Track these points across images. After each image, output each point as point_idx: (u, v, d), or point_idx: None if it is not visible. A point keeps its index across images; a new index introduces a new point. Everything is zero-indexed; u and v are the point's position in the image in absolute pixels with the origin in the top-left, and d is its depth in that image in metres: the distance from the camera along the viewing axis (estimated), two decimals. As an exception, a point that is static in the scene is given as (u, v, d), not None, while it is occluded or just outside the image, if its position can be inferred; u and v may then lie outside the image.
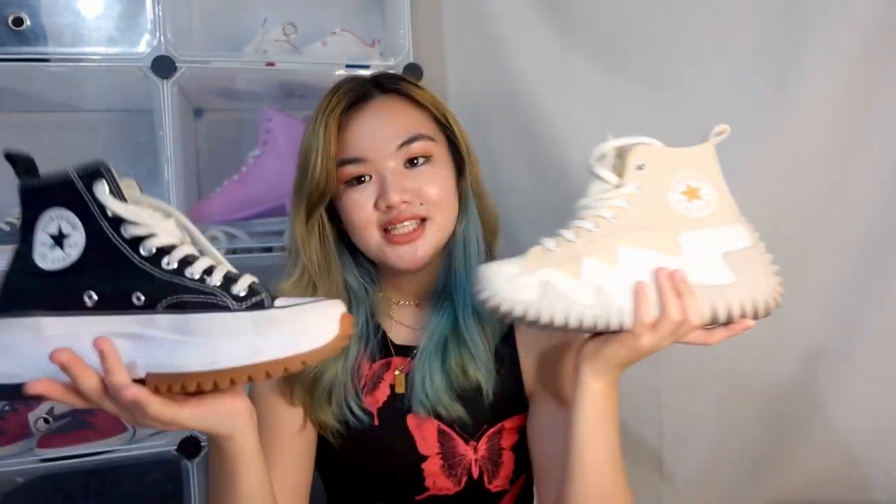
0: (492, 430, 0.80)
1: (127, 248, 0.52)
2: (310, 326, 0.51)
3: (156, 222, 0.53)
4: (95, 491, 1.10)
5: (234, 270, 0.55)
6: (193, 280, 0.52)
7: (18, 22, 1.00)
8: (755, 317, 0.63)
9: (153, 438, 1.05)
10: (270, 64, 1.08)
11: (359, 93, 0.79)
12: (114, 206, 0.52)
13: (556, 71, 1.10)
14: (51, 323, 0.52)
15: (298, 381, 0.77)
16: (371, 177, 0.76)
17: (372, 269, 0.84)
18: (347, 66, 1.10)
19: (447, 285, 0.82)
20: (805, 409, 0.99)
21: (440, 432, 0.79)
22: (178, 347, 0.50)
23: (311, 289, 0.79)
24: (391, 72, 0.86)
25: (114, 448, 1.02)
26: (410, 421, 0.79)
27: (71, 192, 0.53)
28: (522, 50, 1.11)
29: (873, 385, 0.96)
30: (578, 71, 1.09)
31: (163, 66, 1.01)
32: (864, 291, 0.95)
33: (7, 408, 1.06)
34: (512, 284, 0.60)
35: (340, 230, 0.81)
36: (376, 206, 0.75)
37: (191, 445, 1.03)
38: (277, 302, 0.53)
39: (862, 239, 0.96)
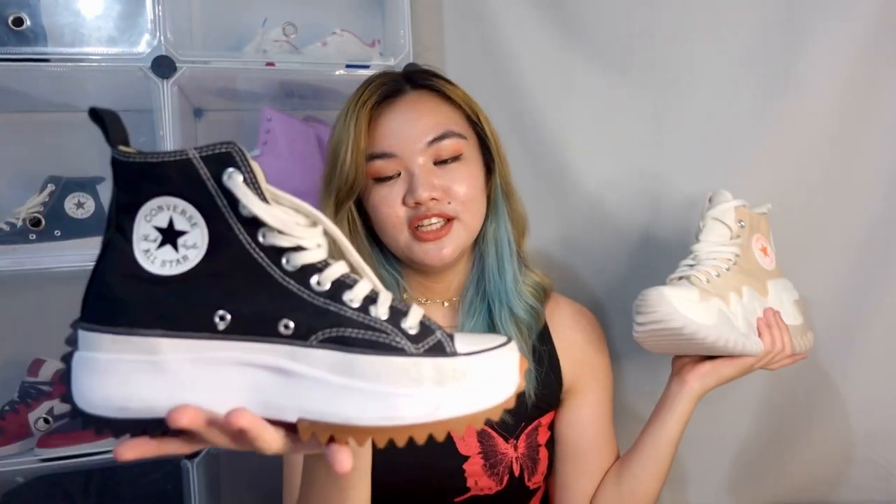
0: (529, 428, 0.82)
1: (267, 259, 0.42)
2: (496, 378, 0.44)
3: (301, 231, 0.42)
4: (95, 491, 1.10)
5: (397, 298, 0.46)
6: (354, 309, 0.43)
7: (18, 22, 1.00)
8: (808, 351, 0.82)
9: (153, 438, 1.05)
10: (270, 64, 1.08)
11: (391, 87, 0.78)
12: (252, 205, 0.40)
13: (556, 71, 1.09)
14: (170, 346, 0.41)
15: None
16: (400, 173, 0.76)
17: (398, 268, 0.83)
18: (347, 66, 1.10)
19: (479, 286, 0.82)
20: (805, 409, 0.99)
21: (480, 432, 0.79)
22: (343, 394, 0.41)
23: None
24: (426, 66, 0.85)
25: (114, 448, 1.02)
26: None
27: (190, 178, 0.40)
28: (522, 50, 1.11)
29: (873, 385, 0.96)
30: (578, 71, 1.09)
31: (163, 66, 1.01)
32: (863, 292, 0.95)
33: (7, 407, 1.06)
34: (694, 309, 0.69)
35: (369, 226, 0.81)
36: (404, 202, 0.75)
37: (191, 445, 1.03)
38: (458, 343, 0.44)
39: (862, 239, 0.95)
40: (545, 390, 0.82)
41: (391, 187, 0.76)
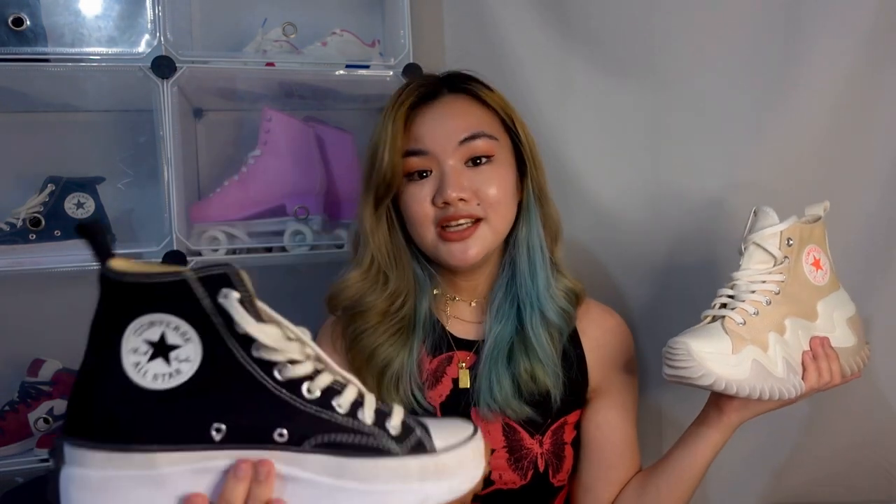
0: (555, 425, 0.82)
1: (260, 371, 0.44)
2: (468, 466, 0.49)
3: (292, 346, 0.46)
4: (95, 491, 1.10)
5: (378, 401, 0.49)
6: (343, 415, 0.46)
7: (18, 22, 1.00)
8: (862, 369, 0.76)
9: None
10: (270, 64, 1.08)
11: (428, 90, 0.81)
12: (246, 324, 0.43)
13: (556, 71, 1.09)
14: (168, 459, 0.42)
15: (369, 369, 0.79)
16: (432, 171, 0.78)
17: (431, 267, 0.85)
18: (347, 66, 1.10)
19: (509, 290, 0.83)
20: (805, 409, 0.99)
21: (505, 426, 0.80)
22: (336, 494, 0.45)
23: (382, 278, 0.81)
24: (464, 71, 0.86)
25: (114, 448, 1.02)
26: (474, 415, 0.80)
27: (186, 297, 0.42)
28: (522, 50, 1.11)
29: (873, 386, 0.96)
30: (578, 71, 1.09)
31: (163, 66, 1.01)
32: (863, 292, 0.94)
33: (7, 407, 1.06)
34: (726, 363, 0.66)
35: (405, 224, 0.83)
36: (434, 201, 0.77)
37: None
38: (435, 438, 0.48)
39: (862, 239, 0.95)
40: (570, 390, 0.82)
41: (422, 186, 0.78)
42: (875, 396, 0.96)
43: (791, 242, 0.73)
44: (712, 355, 0.66)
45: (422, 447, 0.47)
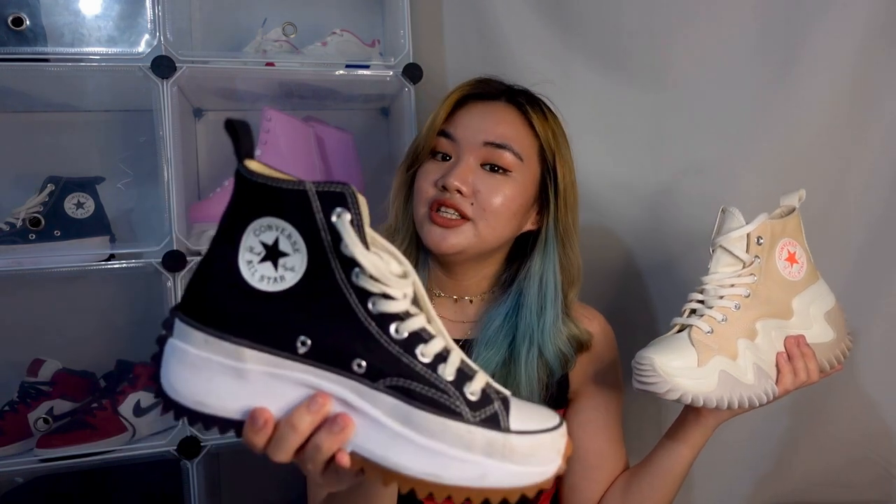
0: None
1: (355, 298, 0.44)
2: (540, 460, 0.45)
3: (392, 280, 0.45)
4: (95, 491, 1.10)
5: (466, 360, 0.47)
6: (424, 365, 0.45)
7: (18, 22, 1.00)
8: (843, 360, 0.74)
9: (153, 438, 1.06)
10: (270, 64, 1.08)
11: (487, 89, 0.83)
12: (354, 247, 0.43)
13: (556, 71, 1.10)
14: (254, 357, 0.44)
15: None
16: (451, 157, 0.80)
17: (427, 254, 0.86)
18: (347, 66, 1.10)
19: (508, 321, 0.81)
20: (805, 409, 0.99)
21: None
22: (397, 441, 0.44)
23: (390, 237, 0.83)
24: (536, 94, 0.86)
25: (114, 448, 1.02)
26: None
27: (302, 207, 0.43)
28: (522, 50, 1.11)
29: (873, 386, 0.96)
30: (578, 71, 1.09)
31: (163, 66, 1.01)
32: (863, 291, 0.95)
33: (7, 407, 1.06)
34: (692, 377, 0.65)
35: None
36: (436, 182, 0.78)
37: (191, 445, 1.03)
38: (512, 418, 0.45)
39: (861, 239, 0.96)
40: (553, 389, 0.82)
41: (438, 166, 0.80)
42: (874, 397, 0.96)
43: (761, 241, 0.71)
44: (678, 370, 0.65)
45: (495, 422, 0.45)
